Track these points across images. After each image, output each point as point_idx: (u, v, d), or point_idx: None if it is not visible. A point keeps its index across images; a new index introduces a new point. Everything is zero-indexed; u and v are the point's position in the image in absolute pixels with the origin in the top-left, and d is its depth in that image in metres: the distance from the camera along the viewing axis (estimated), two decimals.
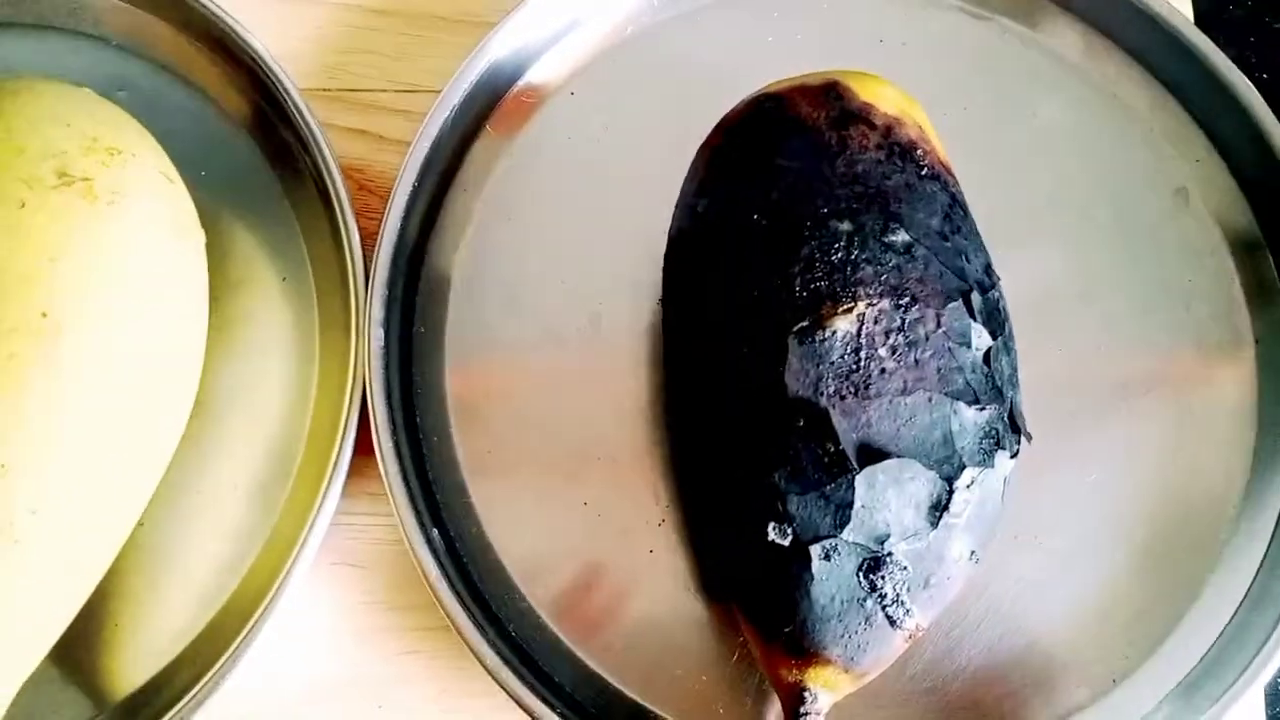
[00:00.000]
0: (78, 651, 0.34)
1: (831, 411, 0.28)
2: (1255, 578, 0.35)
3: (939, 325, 0.29)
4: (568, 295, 0.38)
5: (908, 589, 0.29)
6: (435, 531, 0.34)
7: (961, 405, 0.29)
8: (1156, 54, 0.40)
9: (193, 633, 0.34)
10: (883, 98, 0.32)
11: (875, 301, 0.29)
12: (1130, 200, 0.39)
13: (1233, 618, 0.34)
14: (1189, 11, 0.44)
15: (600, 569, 0.35)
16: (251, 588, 0.34)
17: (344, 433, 0.34)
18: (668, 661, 0.34)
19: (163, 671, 0.34)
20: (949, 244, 0.30)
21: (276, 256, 0.38)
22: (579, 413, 0.36)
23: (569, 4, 0.40)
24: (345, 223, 0.36)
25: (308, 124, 0.37)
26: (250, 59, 0.39)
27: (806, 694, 0.29)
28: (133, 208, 0.32)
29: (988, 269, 0.31)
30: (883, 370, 0.28)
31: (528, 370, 0.37)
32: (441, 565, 0.33)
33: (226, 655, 0.32)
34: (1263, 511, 0.36)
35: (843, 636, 0.29)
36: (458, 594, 0.32)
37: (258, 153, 0.40)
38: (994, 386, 0.29)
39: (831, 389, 0.28)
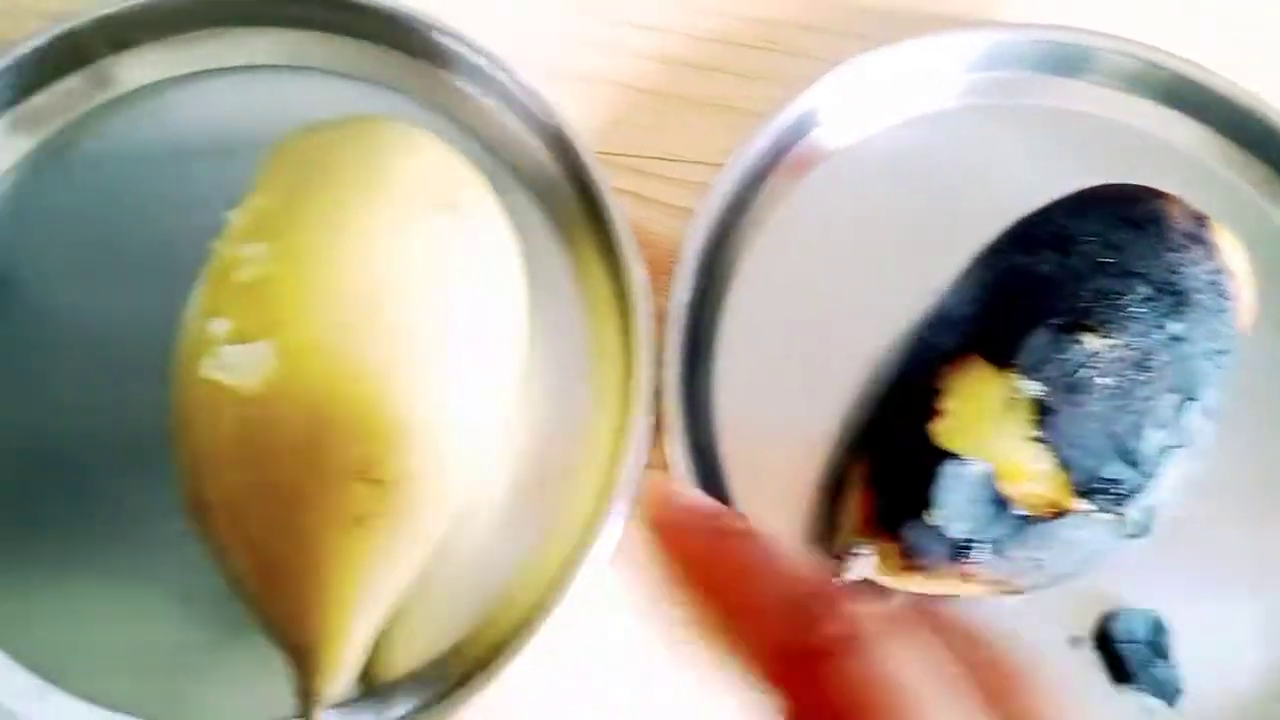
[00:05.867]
0: None
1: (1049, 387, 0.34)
2: None
3: (1149, 399, 0.34)
4: (832, 333, 0.43)
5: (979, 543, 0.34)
6: None
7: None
8: None
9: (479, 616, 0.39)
10: (1231, 252, 0.37)
11: (1126, 349, 0.34)
12: None
13: None
14: None
15: None
16: (542, 578, 0.39)
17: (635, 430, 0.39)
18: None
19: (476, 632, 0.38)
20: (1205, 364, 0.35)
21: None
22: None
23: (857, 90, 0.46)
24: (626, 255, 0.41)
25: (596, 179, 0.42)
26: (553, 124, 0.43)
27: (861, 548, 0.35)
28: (493, 228, 0.37)
29: (1212, 408, 0.36)
30: (1103, 387, 0.34)
31: (792, 393, 0.42)
32: None
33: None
34: None
35: (921, 529, 0.34)
36: None
37: (544, 207, 0.44)
38: (1147, 474, 0.34)
39: (1054, 375, 0.34)
